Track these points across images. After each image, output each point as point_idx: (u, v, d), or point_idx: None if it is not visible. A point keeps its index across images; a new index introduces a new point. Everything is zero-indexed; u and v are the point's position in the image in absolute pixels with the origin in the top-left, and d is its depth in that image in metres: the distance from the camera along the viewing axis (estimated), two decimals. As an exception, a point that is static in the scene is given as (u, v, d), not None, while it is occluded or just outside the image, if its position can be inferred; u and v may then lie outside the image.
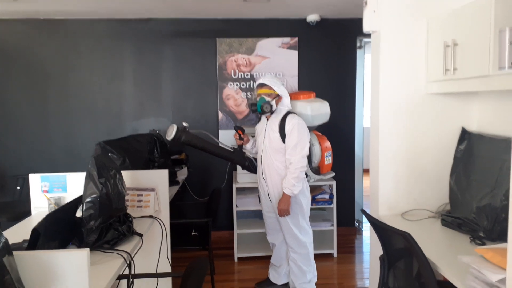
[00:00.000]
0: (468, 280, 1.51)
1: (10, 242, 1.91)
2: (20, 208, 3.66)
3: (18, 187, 3.98)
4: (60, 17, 4.07)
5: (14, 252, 1.18)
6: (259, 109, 2.76)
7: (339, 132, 4.32)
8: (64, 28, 4.11)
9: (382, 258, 2.17)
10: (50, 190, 2.72)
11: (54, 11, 3.85)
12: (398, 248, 1.98)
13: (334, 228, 3.82)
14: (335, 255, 3.84)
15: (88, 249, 1.30)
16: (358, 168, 4.51)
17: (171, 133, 2.85)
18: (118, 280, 2.27)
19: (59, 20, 4.09)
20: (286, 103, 2.80)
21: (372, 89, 2.57)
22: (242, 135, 2.97)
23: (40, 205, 2.70)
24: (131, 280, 1.93)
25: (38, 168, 3.92)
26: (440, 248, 2.00)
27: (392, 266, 2.10)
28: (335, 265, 3.70)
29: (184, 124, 2.95)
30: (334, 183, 3.72)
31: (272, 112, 2.80)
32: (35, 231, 1.60)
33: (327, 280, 3.39)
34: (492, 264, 1.43)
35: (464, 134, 2.38)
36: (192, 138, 2.91)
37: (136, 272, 2.00)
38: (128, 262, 1.85)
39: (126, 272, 1.90)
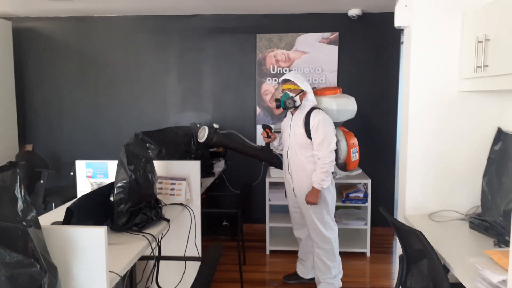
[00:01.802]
0: (475, 281, 1.48)
1: (54, 220, 2.13)
2: (72, 192, 3.98)
3: (72, 173, 4.33)
4: (111, 15, 4.35)
5: (42, 226, 1.34)
6: (282, 105, 2.81)
7: (381, 130, 4.24)
8: (115, 24, 4.40)
9: (401, 258, 2.15)
10: (94, 176, 2.97)
11: (106, 9, 4.13)
12: (416, 248, 1.95)
13: (368, 227, 3.77)
14: (368, 254, 3.80)
15: (106, 226, 1.43)
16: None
17: (203, 135, 2.98)
18: (147, 261, 2.44)
19: (110, 17, 4.38)
20: (310, 99, 2.83)
21: (403, 86, 2.52)
22: (269, 133, 3.03)
23: (84, 189, 2.94)
24: (155, 261, 2.07)
25: (89, 155, 4.25)
26: (460, 250, 1.94)
27: (411, 266, 2.08)
28: (367, 264, 3.66)
29: (215, 125, 3.08)
30: (369, 181, 3.67)
31: (296, 107, 2.83)
32: (69, 210, 1.78)
33: (356, 278, 3.37)
34: (498, 265, 1.39)
35: (500, 135, 2.28)
36: (222, 139, 3.03)
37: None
38: (152, 244, 1.99)
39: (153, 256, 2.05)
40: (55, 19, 4.42)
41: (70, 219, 1.80)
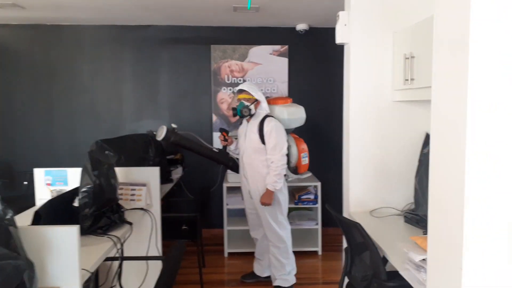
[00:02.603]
0: (404, 263, 1.75)
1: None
2: (27, 202, 3.92)
3: (25, 182, 4.27)
4: (65, 23, 4.37)
5: (19, 226, 1.44)
6: (239, 113, 3.02)
7: (328, 136, 4.55)
8: (69, 33, 4.41)
9: (346, 250, 2.41)
10: (53, 184, 3.01)
11: (60, 18, 4.15)
12: (359, 241, 2.21)
13: (319, 227, 4.05)
14: (320, 252, 4.07)
15: (78, 225, 1.55)
16: (345, 170, 4.74)
17: (161, 133, 3.11)
18: (111, 263, 2.53)
19: (64, 26, 4.39)
20: (264, 107, 3.07)
21: (344, 97, 2.82)
22: (226, 137, 3.23)
23: (44, 197, 2.98)
24: (120, 261, 2.18)
25: (43, 163, 4.17)
26: (395, 240, 2.22)
27: (354, 257, 2.33)
28: (320, 262, 3.94)
29: (173, 125, 3.22)
30: (319, 184, 3.96)
31: (251, 115, 3.06)
32: (37, 214, 1.87)
33: (310, 275, 3.63)
34: (421, 248, 1.67)
35: (428, 139, 2.60)
36: (180, 138, 3.17)
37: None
38: (117, 245, 2.10)
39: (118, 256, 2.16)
40: (5, 26, 4.36)
41: (38, 222, 1.89)
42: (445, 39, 1.41)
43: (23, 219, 2.44)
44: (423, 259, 1.58)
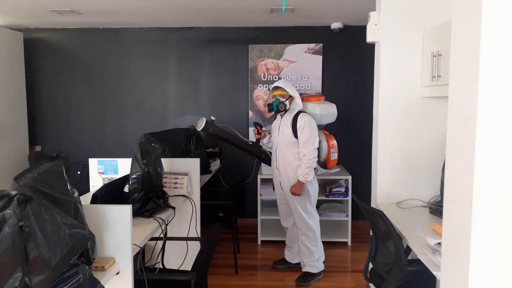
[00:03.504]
0: (422, 248, 1.89)
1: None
2: (79, 190, 4.32)
3: (79, 172, 4.69)
4: (115, 27, 4.73)
5: (83, 204, 1.72)
6: (275, 109, 3.21)
7: (360, 132, 4.63)
8: (119, 36, 4.78)
9: (371, 238, 2.55)
10: (105, 172, 3.35)
11: (111, 22, 4.51)
12: (383, 230, 2.35)
13: (349, 219, 4.17)
14: (349, 243, 4.20)
15: (131, 204, 1.81)
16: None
17: (201, 125, 3.39)
18: (155, 243, 2.81)
19: (115, 29, 4.76)
20: (298, 103, 3.24)
21: (374, 93, 2.94)
22: (260, 130, 3.44)
23: (97, 184, 3.31)
24: (164, 240, 2.44)
25: (94, 155, 4.57)
26: (418, 229, 2.34)
27: (379, 244, 2.47)
28: (349, 252, 4.07)
29: (212, 118, 3.48)
30: (349, 177, 4.09)
31: (286, 110, 3.24)
32: (94, 196, 2.16)
33: (339, 263, 3.78)
34: (438, 233, 1.79)
35: (455, 134, 2.69)
36: (217, 130, 3.43)
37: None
38: (162, 226, 2.37)
39: (162, 237, 2.42)
40: (63, 30, 4.79)
41: (95, 203, 2.18)
42: (459, 40, 1.54)
43: (81, 201, 2.77)
44: (438, 243, 1.71)
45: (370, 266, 2.54)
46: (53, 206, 1.35)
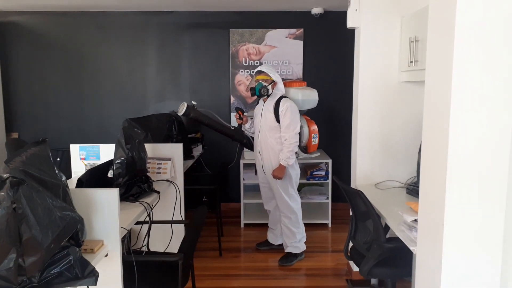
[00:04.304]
0: (399, 225, 1.99)
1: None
2: (65, 174, 4.29)
3: (58, 158, 4.63)
4: (94, 10, 4.63)
5: (70, 188, 1.73)
6: (257, 93, 3.25)
7: (340, 116, 4.73)
8: (98, 19, 4.68)
9: (351, 217, 2.65)
10: (87, 158, 3.33)
11: (90, 5, 4.41)
12: (362, 210, 2.44)
13: (329, 201, 4.29)
14: (329, 225, 4.33)
15: (118, 188, 1.84)
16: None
17: (182, 109, 3.40)
18: (140, 227, 2.84)
19: (93, 12, 4.66)
20: (280, 88, 3.29)
21: (354, 77, 3.01)
22: (241, 115, 3.47)
23: (79, 170, 3.30)
24: (149, 224, 2.48)
25: (74, 141, 4.52)
26: (396, 208, 2.46)
27: (358, 224, 2.58)
28: (329, 233, 4.20)
29: (193, 102, 3.49)
30: (330, 161, 4.19)
31: (268, 95, 3.28)
32: (79, 180, 2.17)
33: (320, 244, 3.90)
34: (414, 211, 1.89)
35: (431, 117, 2.80)
36: (199, 115, 3.45)
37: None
38: (147, 209, 2.40)
39: (147, 220, 2.45)
40: (39, 13, 4.65)
41: (80, 187, 2.19)
42: (436, 26, 1.61)
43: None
44: (415, 220, 1.81)
45: (350, 245, 2.65)
46: (43, 189, 1.37)
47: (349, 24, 2.92)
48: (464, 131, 1.46)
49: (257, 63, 4.66)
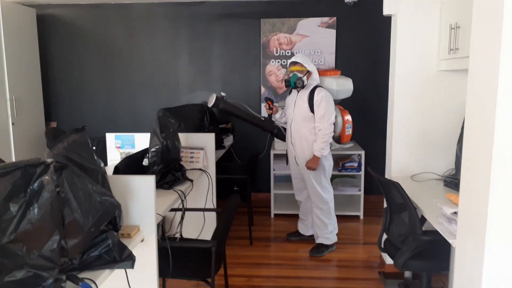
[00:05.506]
0: (438, 217, 1.93)
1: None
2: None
3: (94, 147, 4.76)
4: (127, 2, 4.71)
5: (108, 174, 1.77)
6: (292, 84, 3.21)
7: (375, 107, 4.62)
8: (130, 11, 4.76)
9: (386, 209, 2.60)
10: (122, 147, 3.41)
11: (123, -3, 4.49)
12: (398, 202, 2.38)
13: (362, 193, 4.22)
14: (361, 217, 4.26)
15: (154, 175, 1.87)
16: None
17: (211, 101, 3.41)
18: (174, 214, 2.89)
19: (126, 4, 4.74)
20: (315, 78, 3.24)
21: (390, 67, 2.93)
22: (271, 105, 3.45)
23: (114, 158, 3.39)
24: (183, 211, 2.52)
25: (107, 131, 4.64)
26: (434, 200, 2.38)
27: (393, 216, 2.52)
28: (361, 225, 4.14)
29: (222, 93, 3.51)
30: (363, 152, 4.11)
31: (303, 86, 3.24)
32: (116, 168, 2.22)
33: (351, 236, 3.85)
34: (454, 204, 1.83)
35: (471, 107, 2.69)
36: (228, 106, 3.46)
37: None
38: (181, 197, 2.43)
39: (181, 207, 2.49)
40: (75, 6, 4.78)
41: (117, 174, 2.25)
42: (481, 12, 1.53)
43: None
44: (454, 212, 1.75)
45: (384, 237, 2.60)
46: (84, 174, 1.40)
47: (386, 11, 2.83)
48: (511, 123, 1.39)
49: (288, 53, 4.61)
